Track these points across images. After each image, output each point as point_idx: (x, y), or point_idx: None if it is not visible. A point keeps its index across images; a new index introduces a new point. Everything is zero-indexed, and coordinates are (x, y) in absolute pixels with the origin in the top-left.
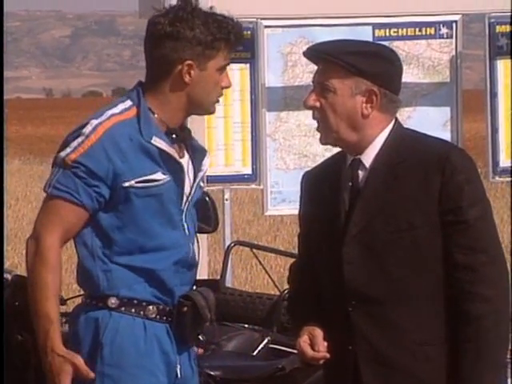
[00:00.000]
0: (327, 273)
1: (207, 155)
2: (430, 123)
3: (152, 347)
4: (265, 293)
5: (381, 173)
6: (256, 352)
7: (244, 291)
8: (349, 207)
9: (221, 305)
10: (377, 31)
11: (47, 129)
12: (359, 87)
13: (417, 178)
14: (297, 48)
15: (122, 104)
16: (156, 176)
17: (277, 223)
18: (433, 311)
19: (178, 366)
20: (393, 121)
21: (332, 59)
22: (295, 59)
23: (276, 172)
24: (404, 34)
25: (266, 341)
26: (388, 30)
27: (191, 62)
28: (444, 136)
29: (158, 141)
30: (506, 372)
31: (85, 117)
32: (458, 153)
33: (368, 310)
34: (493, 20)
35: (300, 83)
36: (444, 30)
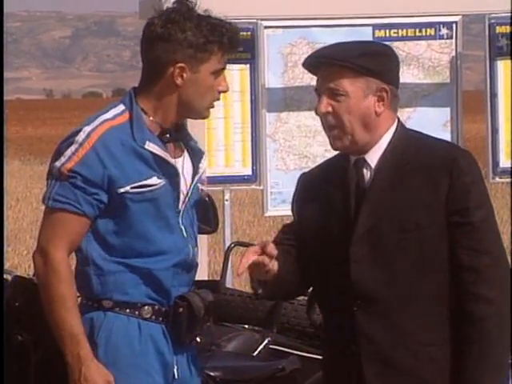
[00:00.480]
0: (332, 272)
1: (204, 157)
2: (430, 124)
3: (147, 347)
4: None
5: (387, 174)
6: (256, 353)
7: (244, 292)
8: (355, 207)
9: (221, 305)
10: (377, 32)
11: (47, 129)
12: (370, 87)
13: (423, 180)
14: (297, 49)
15: (115, 109)
16: (151, 181)
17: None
18: (437, 312)
19: (175, 367)
20: (396, 120)
21: (341, 63)
22: (295, 60)
23: (276, 173)
24: (404, 35)
25: (266, 341)
26: (388, 31)
27: (183, 65)
28: (444, 136)
29: (151, 145)
30: (508, 373)
31: (85, 117)
32: (465, 155)
33: (373, 310)
34: (493, 21)
35: (300, 84)
36: (444, 31)
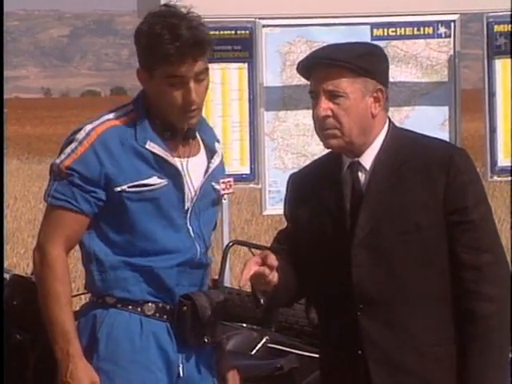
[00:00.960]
0: (332, 277)
1: (215, 156)
2: (428, 122)
3: (148, 343)
4: None
5: (383, 175)
6: (254, 351)
7: (242, 290)
8: (352, 210)
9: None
10: (375, 30)
11: (46, 128)
12: (368, 88)
13: (420, 180)
14: (295, 47)
15: (122, 109)
16: (151, 180)
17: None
18: (441, 312)
19: (181, 365)
20: (387, 120)
21: (343, 63)
22: (293, 58)
23: (274, 171)
24: (402, 34)
25: (265, 340)
26: (386, 30)
27: (140, 69)
28: (442, 135)
29: (152, 145)
30: (510, 370)
31: (83, 116)
32: (461, 153)
33: (376, 313)
34: (491, 19)
35: (298, 83)
36: (442, 30)
